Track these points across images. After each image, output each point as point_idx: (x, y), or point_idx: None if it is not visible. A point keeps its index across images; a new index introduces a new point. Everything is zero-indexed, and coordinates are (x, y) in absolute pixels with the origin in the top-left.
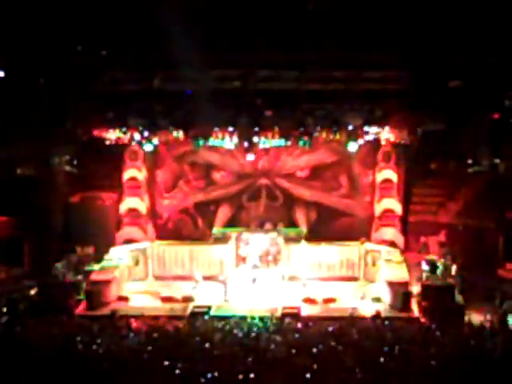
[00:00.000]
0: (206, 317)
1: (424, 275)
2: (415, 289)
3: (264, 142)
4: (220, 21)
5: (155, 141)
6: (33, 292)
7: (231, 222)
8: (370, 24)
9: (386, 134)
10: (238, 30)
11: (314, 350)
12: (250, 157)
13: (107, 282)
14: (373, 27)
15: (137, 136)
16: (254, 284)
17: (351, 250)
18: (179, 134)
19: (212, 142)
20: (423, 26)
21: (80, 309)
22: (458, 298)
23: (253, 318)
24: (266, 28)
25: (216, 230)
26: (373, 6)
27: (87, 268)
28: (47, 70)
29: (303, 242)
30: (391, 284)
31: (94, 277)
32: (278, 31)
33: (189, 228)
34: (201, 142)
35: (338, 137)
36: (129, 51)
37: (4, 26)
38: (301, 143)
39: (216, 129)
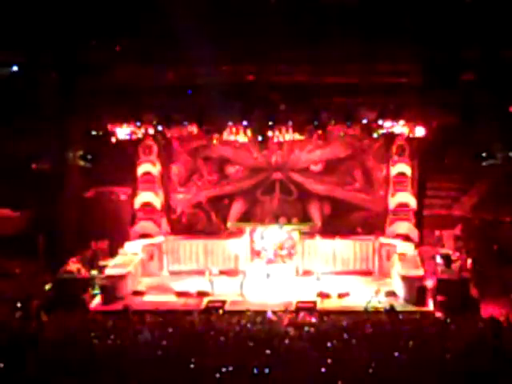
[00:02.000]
0: (221, 311)
1: (439, 269)
2: (430, 283)
3: (278, 136)
4: (234, 15)
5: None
6: (47, 287)
7: (245, 217)
8: (384, 18)
9: (400, 128)
10: (252, 24)
11: (329, 344)
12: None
13: (122, 277)
14: (386, 21)
15: (151, 130)
16: (268, 279)
17: (365, 244)
18: (193, 129)
19: (226, 136)
20: (436, 20)
21: (95, 304)
22: (473, 291)
23: (267, 312)
24: (279, 22)
25: (230, 224)
26: (386, 0)
27: (102, 263)
28: (61, 64)
29: (317, 236)
30: (406, 278)
31: (108, 271)
32: (292, 25)
33: (203, 222)
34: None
35: (352, 131)
36: (142, 46)
37: (17, 22)
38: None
39: (230, 123)
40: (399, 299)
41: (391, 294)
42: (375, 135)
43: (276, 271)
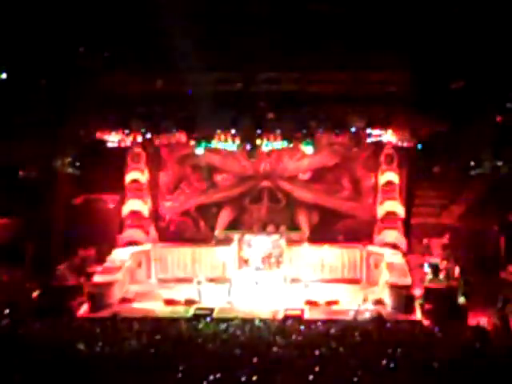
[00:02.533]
0: (209, 319)
1: (427, 278)
2: (418, 291)
3: (266, 144)
4: (222, 22)
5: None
6: (35, 294)
7: (233, 225)
8: (372, 26)
9: (389, 137)
10: (240, 32)
11: (317, 352)
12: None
13: (110, 284)
14: (375, 29)
15: (139, 138)
16: (256, 286)
17: (353, 253)
18: (181, 136)
19: (214, 144)
20: (425, 28)
21: (82, 311)
22: (461, 300)
23: (255, 320)
24: (267, 29)
25: (218, 232)
26: (374, 8)
27: (90, 270)
28: (49, 71)
29: (305, 244)
30: (393, 287)
31: (96, 279)
32: (280, 33)
33: (191, 230)
34: (203, 145)
35: (340, 139)
36: (131, 53)
37: (6, 28)
38: (304, 145)
39: (218, 131)
40: (387, 307)
41: (379, 302)
42: (363, 144)
43: (264, 279)
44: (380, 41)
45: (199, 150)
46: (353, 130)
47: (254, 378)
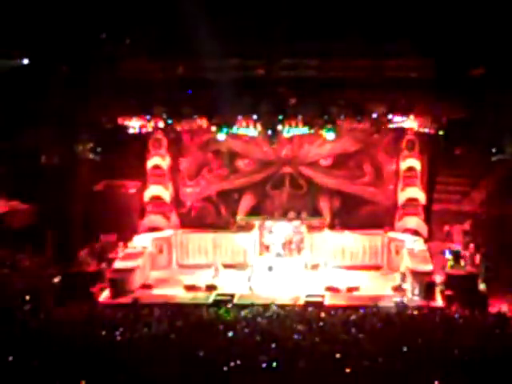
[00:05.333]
0: (230, 305)
1: (448, 264)
2: (439, 278)
3: (288, 130)
4: (243, 9)
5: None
6: (56, 280)
7: (254, 211)
8: (394, 12)
9: (410, 123)
10: (262, 18)
11: (337, 338)
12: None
13: (131, 270)
14: (396, 15)
15: (161, 124)
16: (270, 272)
17: (374, 239)
18: (203, 122)
19: (235, 130)
20: (446, 14)
21: (103, 297)
22: (482, 287)
23: (276, 306)
24: (289, 16)
25: (239, 218)
26: None
27: (111, 256)
28: (71, 57)
29: (326, 230)
30: (415, 273)
31: (117, 265)
32: (302, 19)
33: (212, 216)
34: (224, 130)
35: (361, 125)
36: (152, 39)
37: (28, 15)
38: (325, 131)
39: (239, 117)
40: (408, 294)
41: (400, 288)
42: (384, 130)
43: (285, 265)
44: (401, 27)
45: (221, 136)
46: (374, 116)
47: (274, 365)
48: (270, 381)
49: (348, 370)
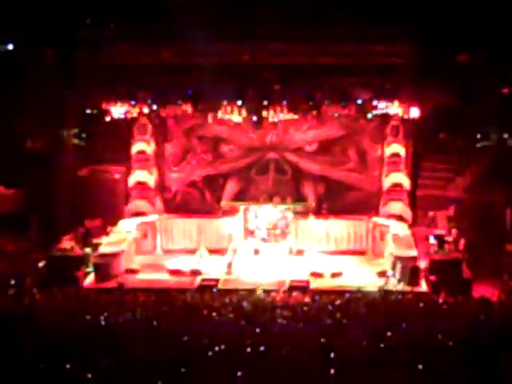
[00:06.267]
0: (214, 290)
1: (432, 250)
2: (423, 263)
3: (272, 115)
4: None
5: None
6: (41, 265)
7: (239, 196)
8: None
9: (395, 109)
10: (248, 3)
11: (321, 323)
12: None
13: (115, 255)
14: (382, 1)
15: (145, 109)
16: (256, 256)
17: (359, 224)
18: (188, 108)
19: (220, 115)
20: None
21: (88, 281)
22: (466, 272)
23: (260, 291)
24: (273, 1)
25: (224, 203)
26: None
27: (95, 241)
28: (55, 42)
29: (311, 215)
30: (399, 258)
31: (102, 250)
32: (288, 4)
33: (197, 201)
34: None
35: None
36: (137, 24)
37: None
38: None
39: (224, 102)
40: (392, 279)
41: (384, 274)
42: (369, 116)
43: (269, 250)
44: (386, 12)
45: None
46: (359, 102)
47: (260, 349)
48: (255, 365)
49: (332, 355)
